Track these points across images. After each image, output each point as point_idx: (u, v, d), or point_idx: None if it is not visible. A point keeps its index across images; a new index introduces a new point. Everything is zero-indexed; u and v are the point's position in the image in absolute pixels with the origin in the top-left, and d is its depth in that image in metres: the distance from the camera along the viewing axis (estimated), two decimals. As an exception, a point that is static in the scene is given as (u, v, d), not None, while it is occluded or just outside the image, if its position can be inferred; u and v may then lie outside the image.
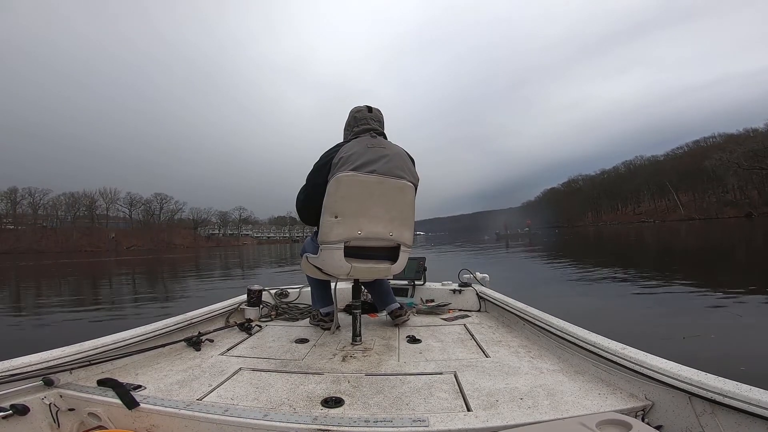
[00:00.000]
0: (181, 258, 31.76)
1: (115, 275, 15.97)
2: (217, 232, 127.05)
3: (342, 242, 1.69)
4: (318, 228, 1.80)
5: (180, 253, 52.24)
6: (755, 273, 7.58)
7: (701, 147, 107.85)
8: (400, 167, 1.83)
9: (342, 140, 1.97)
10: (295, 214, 2.57)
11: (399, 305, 2.26)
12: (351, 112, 1.97)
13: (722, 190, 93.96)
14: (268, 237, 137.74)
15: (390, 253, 1.88)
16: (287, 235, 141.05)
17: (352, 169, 1.68)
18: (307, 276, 2.17)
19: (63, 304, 7.87)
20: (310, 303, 2.42)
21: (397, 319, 2.22)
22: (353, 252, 1.75)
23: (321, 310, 2.24)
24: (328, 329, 2.14)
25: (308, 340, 1.95)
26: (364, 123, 1.90)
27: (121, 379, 1.30)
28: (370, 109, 1.95)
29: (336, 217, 1.67)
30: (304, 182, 1.88)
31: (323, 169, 1.76)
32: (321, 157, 1.83)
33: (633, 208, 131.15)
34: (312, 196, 1.80)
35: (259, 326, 2.23)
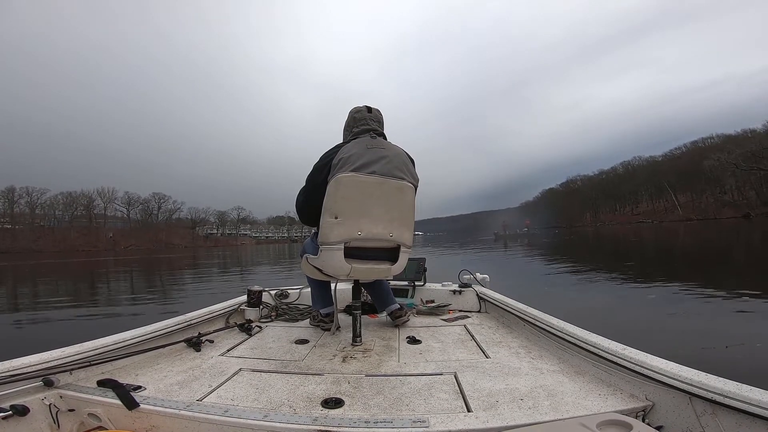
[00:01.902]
0: (178, 257, 31.72)
1: (109, 274, 15.93)
2: (216, 231, 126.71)
3: (342, 243, 1.68)
4: (318, 229, 1.80)
5: (178, 252, 52.12)
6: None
7: (699, 148, 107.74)
8: (400, 168, 1.82)
9: (341, 141, 1.96)
10: (293, 214, 2.57)
11: (399, 306, 2.26)
12: (350, 112, 1.97)
13: (720, 190, 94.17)
14: (267, 237, 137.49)
15: (390, 254, 1.88)
16: (285, 235, 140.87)
17: (352, 170, 1.68)
18: (307, 277, 2.16)
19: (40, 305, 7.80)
20: (310, 304, 2.42)
21: (397, 319, 2.22)
22: (353, 252, 1.74)
23: (321, 311, 2.24)
24: (329, 330, 2.14)
25: (308, 341, 1.95)
26: (364, 123, 1.90)
27: (121, 380, 1.30)
28: (369, 109, 1.95)
29: (336, 217, 1.66)
30: (304, 183, 1.88)
31: (323, 170, 1.76)
32: (320, 158, 1.83)
33: (631, 208, 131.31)
34: (312, 197, 1.80)
35: (259, 327, 2.23)
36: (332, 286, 2.33)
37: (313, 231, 2.07)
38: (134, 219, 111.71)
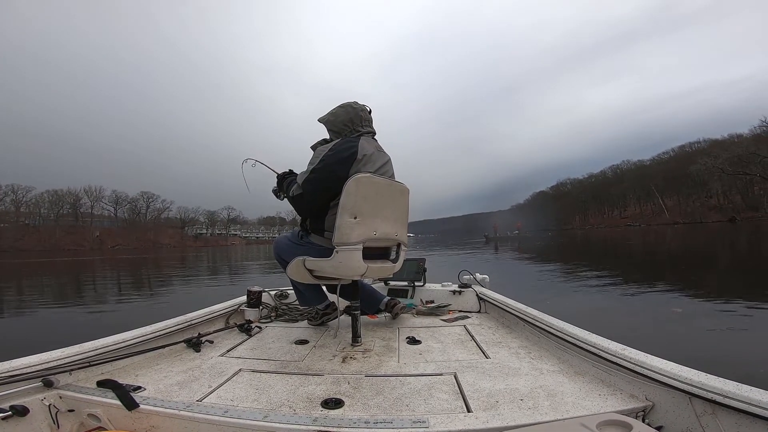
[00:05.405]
0: (165, 257, 31.19)
1: (95, 274, 15.64)
2: (205, 231, 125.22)
3: (361, 243, 1.69)
4: (302, 230, 1.91)
5: (166, 252, 51.30)
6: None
7: (686, 152, 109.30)
8: (393, 173, 1.96)
9: (335, 132, 1.93)
10: (284, 215, 2.58)
11: (389, 297, 2.35)
12: (354, 107, 1.91)
13: (707, 194, 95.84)
14: (257, 237, 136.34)
15: (392, 253, 1.99)
16: (276, 235, 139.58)
17: (370, 171, 1.73)
18: (294, 281, 2.06)
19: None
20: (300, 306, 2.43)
21: (395, 308, 2.27)
22: (365, 252, 1.74)
23: (319, 307, 2.24)
24: (334, 318, 2.18)
25: (308, 342, 1.94)
26: (368, 125, 1.94)
27: (120, 380, 1.28)
28: (369, 110, 1.98)
29: (355, 217, 1.66)
30: (308, 171, 1.76)
31: (346, 164, 1.71)
32: (338, 149, 1.74)
33: (619, 212, 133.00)
34: (327, 186, 1.73)
35: (259, 327, 2.22)
36: (325, 286, 2.32)
37: (294, 231, 2.04)
38: (122, 218, 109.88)
